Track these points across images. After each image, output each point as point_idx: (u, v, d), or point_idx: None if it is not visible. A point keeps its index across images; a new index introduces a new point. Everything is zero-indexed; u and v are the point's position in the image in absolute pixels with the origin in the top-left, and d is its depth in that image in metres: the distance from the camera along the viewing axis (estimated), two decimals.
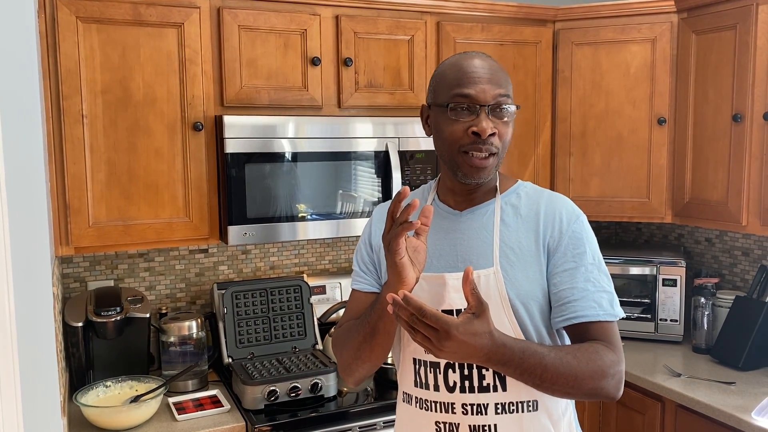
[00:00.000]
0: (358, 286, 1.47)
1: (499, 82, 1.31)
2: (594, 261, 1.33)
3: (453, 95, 1.30)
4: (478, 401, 1.30)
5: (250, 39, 2.19)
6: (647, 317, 2.66)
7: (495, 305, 1.28)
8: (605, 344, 1.28)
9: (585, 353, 1.24)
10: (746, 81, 2.23)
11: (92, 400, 2.01)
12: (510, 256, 1.32)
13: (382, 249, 1.42)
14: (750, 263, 2.64)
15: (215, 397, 2.15)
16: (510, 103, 1.32)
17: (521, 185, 1.43)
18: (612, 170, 2.62)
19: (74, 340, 2.11)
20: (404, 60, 2.41)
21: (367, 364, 1.37)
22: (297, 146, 2.21)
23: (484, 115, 1.28)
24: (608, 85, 2.59)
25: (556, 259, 1.32)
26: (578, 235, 1.33)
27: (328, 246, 2.74)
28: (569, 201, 1.40)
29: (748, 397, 2.08)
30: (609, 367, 1.24)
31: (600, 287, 1.31)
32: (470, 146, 1.29)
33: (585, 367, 1.22)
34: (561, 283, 1.31)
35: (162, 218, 2.13)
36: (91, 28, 1.99)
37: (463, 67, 1.32)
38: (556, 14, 2.62)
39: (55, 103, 1.97)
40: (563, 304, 1.30)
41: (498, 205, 1.38)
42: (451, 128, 1.31)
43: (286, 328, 2.38)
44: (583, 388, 1.23)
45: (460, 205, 1.40)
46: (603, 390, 1.25)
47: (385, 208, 1.47)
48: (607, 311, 1.30)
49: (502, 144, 1.32)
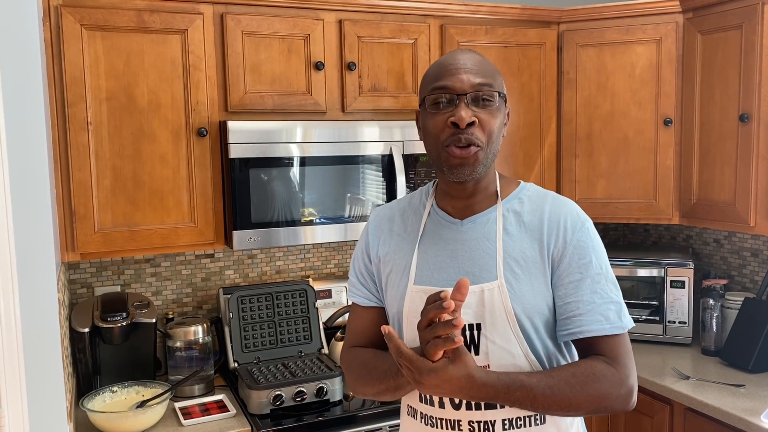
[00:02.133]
0: (357, 299, 1.46)
1: (480, 72, 1.26)
2: (601, 270, 1.28)
3: (431, 89, 1.28)
4: (484, 418, 1.26)
5: (254, 44, 2.20)
6: (656, 319, 2.64)
7: (500, 320, 1.25)
8: (608, 361, 1.24)
9: (581, 378, 1.21)
10: (753, 81, 2.21)
11: (99, 406, 2.01)
12: (514, 268, 1.27)
13: (381, 261, 1.40)
14: (759, 264, 2.62)
15: (221, 401, 2.15)
16: (492, 91, 1.26)
17: (524, 188, 1.37)
18: (618, 172, 2.60)
19: (81, 345, 2.12)
20: (408, 63, 2.41)
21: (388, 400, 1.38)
22: (301, 151, 2.21)
23: (463, 105, 1.24)
24: (613, 87, 2.58)
25: (561, 270, 1.27)
26: (583, 244, 1.28)
27: (333, 250, 2.74)
28: (574, 205, 1.34)
29: (758, 399, 2.06)
30: (609, 389, 1.21)
31: (607, 298, 1.26)
32: (451, 139, 1.25)
33: (580, 393, 1.20)
34: (566, 296, 1.27)
35: (167, 224, 2.14)
36: (95, 36, 2.00)
37: (443, 62, 1.30)
38: (561, 16, 2.61)
39: (61, 110, 1.99)
40: (568, 318, 1.26)
41: (500, 213, 1.32)
42: (433, 122, 1.27)
43: (292, 333, 2.38)
44: (581, 411, 1.22)
45: (460, 213, 1.35)
46: (607, 409, 1.23)
47: (380, 217, 1.45)
48: (614, 324, 1.25)
49: (487, 136, 1.26)
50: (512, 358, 1.26)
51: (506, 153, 2.60)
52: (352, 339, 1.47)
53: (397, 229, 1.41)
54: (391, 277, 1.38)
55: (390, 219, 1.43)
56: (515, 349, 1.26)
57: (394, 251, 1.38)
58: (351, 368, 1.42)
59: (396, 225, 1.42)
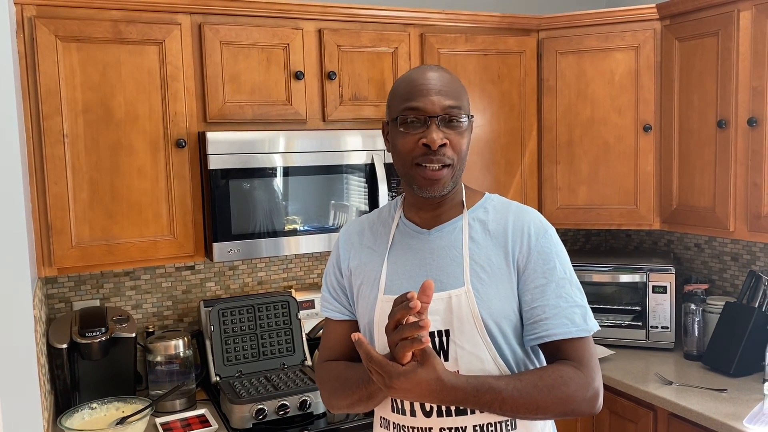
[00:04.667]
0: (330, 314, 1.47)
1: (450, 93, 1.29)
2: (565, 275, 1.31)
3: (402, 109, 1.30)
4: (455, 424, 1.29)
5: (233, 54, 2.18)
6: (638, 324, 2.65)
7: (468, 325, 1.28)
8: (574, 365, 1.26)
9: (548, 381, 1.23)
10: (730, 87, 2.23)
11: (78, 423, 1.97)
12: (480, 274, 1.31)
13: (352, 274, 1.42)
14: (739, 268, 2.64)
15: (203, 416, 2.12)
16: (461, 114, 1.30)
17: (488, 198, 1.41)
18: (599, 178, 2.62)
19: (59, 362, 2.08)
20: (388, 72, 2.41)
21: (361, 411, 1.39)
22: (282, 161, 2.19)
23: (435, 127, 1.27)
24: (593, 93, 2.59)
25: (526, 275, 1.31)
26: (547, 250, 1.31)
27: (316, 260, 2.72)
28: (537, 214, 1.38)
29: (739, 404, 2.07)
30: (576, 392, 1.24)
31: (572, 302, 1.29)
32: (422, 158, 1.28)
33: (547, 396, 1.22)
34: (532, 301, 1.30)
35: (146, 237, 2.11)
36: (70, 47, 1.97)
37: (413, 81, 1.31)
38: (540, 23, 2.62)
39: (36, 123, 1.95)
40: (535, 322, 1.29)
41: (466, 222, 1.36)
42: (403, 141, 1.30)
43: (275, 345, 2.36)
44: (549, 414, 1.24)
45: (427, 223, 1.38)
46: (575, 412, 1.25)
47: (350, 231, 1.47)
48: (579, 327, 1.28)
49: (457, 155, 1.30)
50: (481, 363, 1.28)
51: (488, 160, 2.61)
52: (325, 354, 1.48)
53: (366, 241, 1.43)
54: (362, 289, 1.40)
55: (360, 233, 1.46)
56: (484, 354, 1.28)
57: (364, 263, 1.41)
58: (324, 382, 1.43)
59: (366, 238, 1.44)
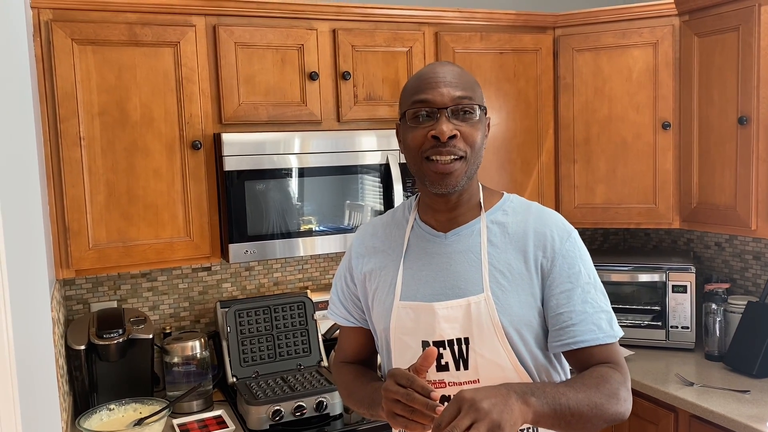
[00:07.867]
0: (335, 318, 1.48)
1: (460, 84, 1.25)
2: (590, 279, 1.28)
3: (411, 102, 1.27)
4: None
5: (247, 56, 2.18)
6: (658, 324, 2.61)
7: (487, 333, 1.25)
8: (610, 365, 1.23)
9: (592, 381, 1.19)
10: (751, 83, 2.19)
11: (96, 425, 1.98)
12: (500, 280, 1.27)
13: (366, 279, 1.40)
14: (761, 267, 2.59)
15: (220, 417, 2.12)
16: (473, 104, 1.25)
17: (507, 199, 1.36)
18: (617, 176, 2.58)
19: (77, 363, 2.09)
20: (403, 72, 2.39)
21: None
22: (297, 162, 2.19)
23: (444, 119, 1.23)
24: (611, 91, 2.56)
25: (551, 280, 1.27)
26: (572, 254, 1.28)
27: (331, 260, 2.72)
28: (559, 216, 1.34)
29: (763, 405, 2.03)
30: (618, 389, 1.19)
31: (598, 308, 1.26)
32: (432, 151, 1.24)
33: (599, 393, 1.16)
34: (558, 306, 1.26)
35: (162, 238, 2.11)
36: (86, 50, 1.98)
37: (422, 75, 1.29)
38: (556, 21, 2.59)
39: (53, 125, 1.97)
40: (561, 329, 1.25)
41: (484, 225, 1.31)
42: (413, 135, 1.26)
43: (291, 346, 2.36)
44: (605, 415, 1.17)
45: (444, 226, 1.34)
46: (617, 414, 1.20)
47: (363, 235, 1.45)
48: (607, 333, 1.25)
49: (470, 147, 1.25)
50: (502, 371, 1.25)
51: (504, 159, 2.58)
52: (339, 354, 1.52)
53: (380, 245, 1.40)
54: (377, 294, 1.37)
55: (373, 235, 1.43)
56: (504, 362, 1.25)
57: (379, 268, 1.38)
58: (338, 384, 1.48)
59: (379, 241, 1.41)
